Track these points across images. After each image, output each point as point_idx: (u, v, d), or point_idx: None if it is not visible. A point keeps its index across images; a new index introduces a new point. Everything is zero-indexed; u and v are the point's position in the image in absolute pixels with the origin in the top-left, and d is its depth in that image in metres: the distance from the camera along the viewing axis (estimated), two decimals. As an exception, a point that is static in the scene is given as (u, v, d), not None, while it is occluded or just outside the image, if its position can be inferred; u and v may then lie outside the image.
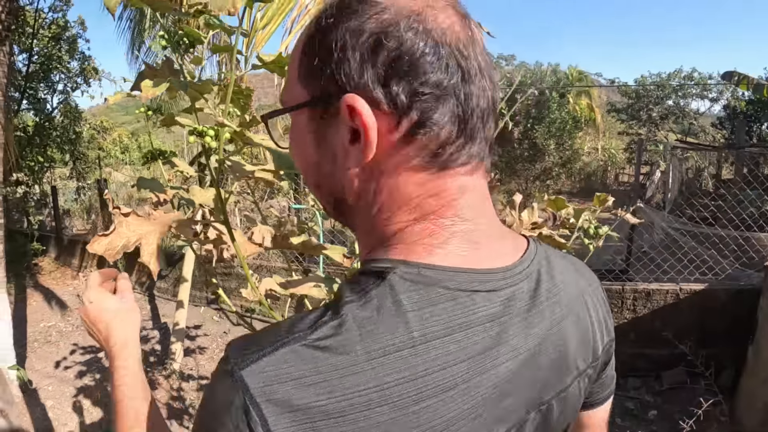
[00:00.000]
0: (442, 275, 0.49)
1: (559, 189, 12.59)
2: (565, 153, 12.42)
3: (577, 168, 13.70)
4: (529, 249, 0.60)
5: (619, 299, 4.04)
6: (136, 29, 5.80)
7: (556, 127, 12.01)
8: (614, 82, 24.10)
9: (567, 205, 1.51)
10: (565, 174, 12.99)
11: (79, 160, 9.79)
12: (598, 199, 1.48)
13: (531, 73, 14.82)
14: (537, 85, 13.28)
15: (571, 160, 12.81)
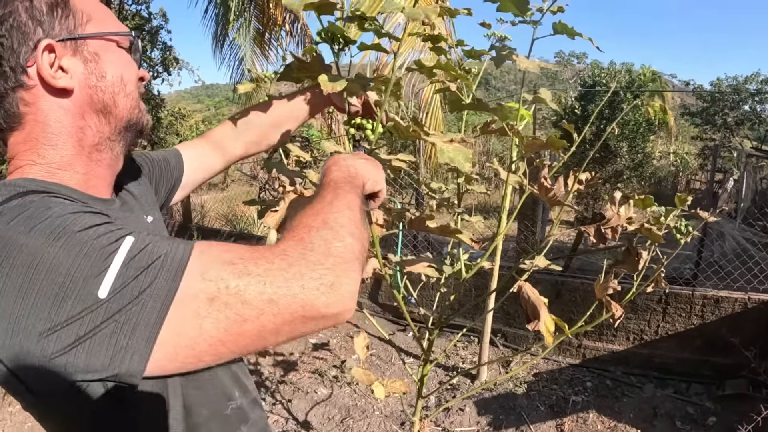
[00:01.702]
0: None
1: (629, 193, 12.27)
2: (636, 156, 12.09)
3: (648, 172, 13.31)
4: None
5: (688, 304, 3.99)
6: (221, 22, 6.06)
7: (629, 129, 11.70)
8: (689, 84, 23.16)
9: (654, 203, 1.58)
10: (636, 178, 12.62)
11: (158, 145, 10.28)
12: (679, 199, 1.54)
13: (604, 72, 14.44)
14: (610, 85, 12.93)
15: (642, 163, 12.45)
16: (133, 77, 0.84)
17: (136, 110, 0.85)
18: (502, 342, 4.59)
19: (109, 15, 0.85)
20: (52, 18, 0.76)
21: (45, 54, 0.74)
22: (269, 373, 4.27)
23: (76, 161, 0.79)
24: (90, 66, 0.79)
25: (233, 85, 6.78)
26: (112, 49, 0.82)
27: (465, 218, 1.89)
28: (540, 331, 1.21)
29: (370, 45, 1.18)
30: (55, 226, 0.60)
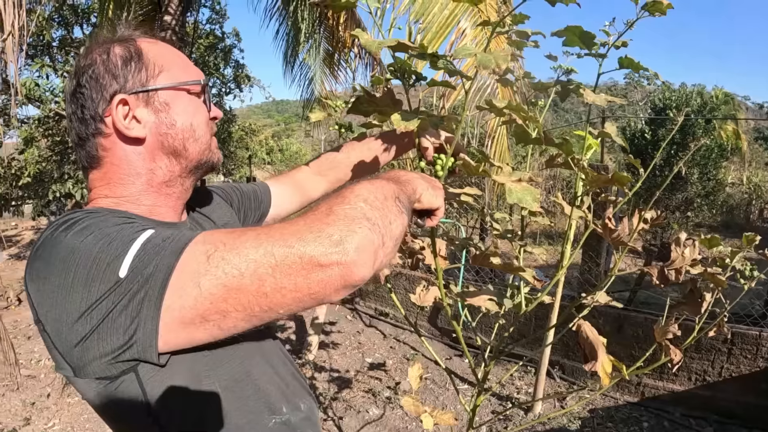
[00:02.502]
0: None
1: (699, 222, 11.74)
2: (708, 183, 11.59)
3: (720, 200, 12.72)
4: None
5: (754, 346, 3.77)
6: (292, 43, 6.30)
7: (700, 155, 11.24)
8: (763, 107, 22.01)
9: (720, 244, 1.55)
10: (707, 206, 12.08)
11: (228, 158, 10.69)
12: (746, 239, 1.50)
13: (675, 95, 13.95)
14: (682, 108, 12.49)
15: (714, 191, 11.92)
16: (202, 122, 0.91)
17: (206, 152, 0.92)
18: (559, 374, 4.50)
19: (181, 62, 0.91)
20: (126, 71, 0.85)
21: (119, 107, 0.83)
22: (323, 389, 4.35)
23: (144, 196, 0.87)
24: (161, 115, 0.86)
25: (303, 102, 7.01)
26: (182, 97, 0.89)
27: (528, 250, 1.90)
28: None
29: (439, 82, 1.23)
30: (94, 228, 0.70)
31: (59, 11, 7.92)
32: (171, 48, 0.93)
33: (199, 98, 0.91)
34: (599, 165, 4.52)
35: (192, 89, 0.90)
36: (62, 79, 7.72)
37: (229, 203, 1.18)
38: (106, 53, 0.86)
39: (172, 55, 0.91)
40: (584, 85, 1.46)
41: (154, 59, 0.87)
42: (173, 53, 0.92)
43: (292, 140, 25.39)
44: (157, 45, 0.91)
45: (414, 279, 5.55)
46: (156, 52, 0.89)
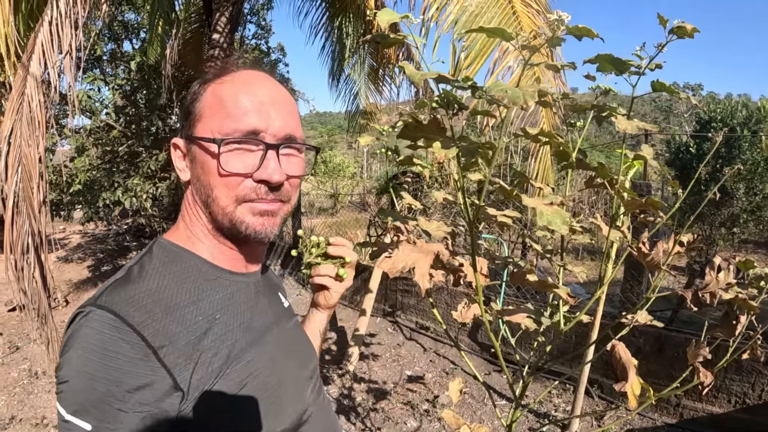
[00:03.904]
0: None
1: (745, 238, 11.38)
2: (754, 198, 11.23)
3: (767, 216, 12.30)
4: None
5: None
6: (337, 59, 6.44)
7: (746, 169, 10.91)
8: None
9: (755, 266, 1.54)
10: (753, 222, 11.70)
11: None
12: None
13: (720, 107, 13.58)
14: (727, 121, 12.17)
15: (761, 206, 11.53)
16: (213, 181, 0.85)
17: (223, 216, 0.86)
18: (598, 393, 4.45)
19: (227, 110, 0.84)
20: (184, 113, 0.91)
21: (175, 150, 0.92)
22: (362, 399, 4.39)
23: (202, 236, 0.91)
24: (194, 166, 0.88)
25: (347, 115, 7.16)
26: (204, 150, 0.85)
27: (568, 268, 1.92)
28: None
29: (480, 111, 1.29)
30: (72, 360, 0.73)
31: (110, 26, 8.25)
32: (242, 87, 0.86)
33: (212, 155, 0.84)
34: (642, 183, 4.47)
35: (207, 145, 0.85)
36: (112, 90, 8.03)
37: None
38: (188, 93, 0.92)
39: (228, 99, 0.85)
40: (619, 109, 1.48)
41: (203, 104, 0.87)
42: (232, 97, 0.85)
43: (336, 152, 25.72)
44: (224, 86, 0.86)
45: (455, 294, 5.56)
46: (214, 95, 0.87)
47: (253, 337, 0.89)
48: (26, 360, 5.34)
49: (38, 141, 3.11)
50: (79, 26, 3.42)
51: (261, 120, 0.84)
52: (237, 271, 0.94)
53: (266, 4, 9.07)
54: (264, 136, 0.84)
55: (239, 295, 0.92)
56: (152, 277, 0.82)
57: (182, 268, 0.86)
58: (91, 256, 10.03)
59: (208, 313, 0.84)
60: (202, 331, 0.81)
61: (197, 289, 0.85)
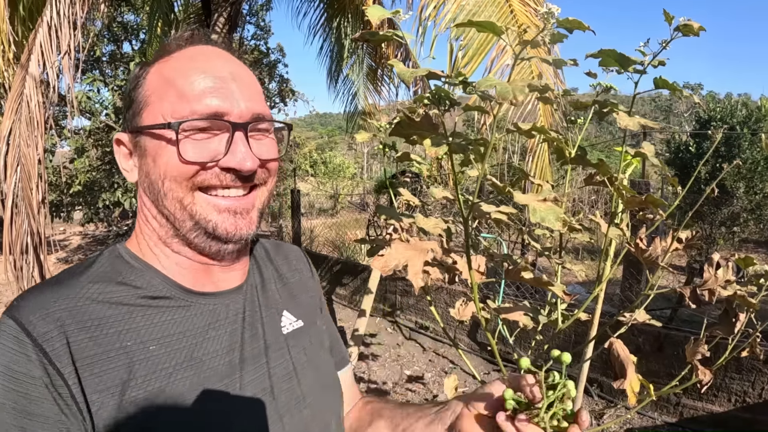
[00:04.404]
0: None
1: (745, 237, 11.38)
2: (755, 197, 11.24)
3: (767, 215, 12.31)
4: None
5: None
6: (335, 59, 6.44)
7: (746, 167, 10.92)
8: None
9: (755, 263, 1.54)
10: (753, 221, 11.70)
11: (274, 172, 10.88)
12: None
13: (719, 106, 13.59)
14: (727, 120, 12.17)
15: (761, 205, 11.54)
16: (168, 170, 0.71)
17: (185, 215, 0.72)
18: (597, 392, 4.44)
19: (179, 90, 0.71)
20: (127, 104, 0.77)
21: (119, 147, 0.77)
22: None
23: (153, 244, 0.77)
24: (143, 161, 0.74)
25: (346, 116, 7.16)
26: (153, 137, 0.72)
27: (567, 266, 1.91)
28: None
29: (472, 107, 1.29)
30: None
31: (109, 28, 8.26)
32: (193, 63, 0.73)
33: (168, 141, 0.70)
34: (641, 181, 4.47)
35: (160, 132, 0.71)
36: (112, 92, 8.04)
37: (319, 308, 1.01)
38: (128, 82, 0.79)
39: (178, 78, 0.71)
40: (620, 107, 1.48)
41: (148, 89, 0.73)
42: (183, 75, 0.71)
43: (336, 153, 25.75)
44: (170, 64, 0.74)
45: (455, 293, 5.56)
46: (160, 76, 0.73)
47: (203, 379, 0.71)
48: (26, 361, 5.33)
49: (37, 141, 3.11)
50: (78, 27, 3.42)
51: (223, 99, 0.71)
52: (202, 290, 0.77)
53: (265, 5, 9.09)
54: (229, 118, 0.71)
55: (196, 320, 0.74)
56: (83, 285, 0.69)
57: (126, 280, 0.72)
58: (91, 257, 10.01)
59: (142, 339, 0.68)
60: (125, 361, 0.65)
61: (137, 308, 0.70)
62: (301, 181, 16.29)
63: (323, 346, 0.93)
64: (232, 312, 0.78)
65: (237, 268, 0.82)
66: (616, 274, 5.38)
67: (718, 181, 3.96)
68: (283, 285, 0.92)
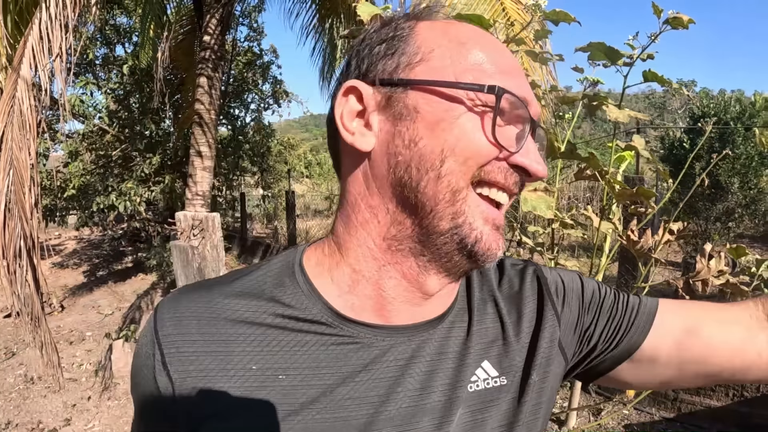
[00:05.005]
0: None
1: (740, 232, 11.42)
2: (749, 192, 11.27)
3: (762, 210, 12.35)
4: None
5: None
6: (328, 60, 6.44)
7: (740, 163, 10.95)
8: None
9: (747, 252, 1.54)
10: (748, 216, 11.74)
11: (266, 172, 10.89)
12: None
13: (713, 102, 13.62)
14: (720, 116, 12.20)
15: (756, 200, 11.58)
16: (464, 151, 0.55)
17: (446, 212, 0.55)
18: (595, 389, 4.45)
19: (471, 59, 0.57)
20: (376, 52, 0.60)
21: (348, 98, 0.60)
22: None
23: (359, 250, 0.61)
24: (400, 126, 0.57)
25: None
26: (446, 104, 0.55)
27: (560, 262, 1.92)
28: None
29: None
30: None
31: (102, 31, 8.24)
32: (485, 39, 0.59)
33: (472, 108, 0.55)
34: (635, 177, 4.49)
35: (468, 97, 0.55)
36: (105, 95, 8.02)
37: (578, 325, 0.71)
38: (373, 31, 0.62)
39: (476, 46, 0.58)
40: (610, 101, 1.49)
41: (424, 41, 0.58)
42: (481, 45, 0.58)
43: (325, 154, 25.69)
44: (454, 26, 0.60)
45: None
46: (447, 35, 0.58)
47: (328, 426, 0.55)
48: (22, 365, 5.32)
49: (29, 144, 3.10)
50: (69, 29, 3.41)
51: (525, 87, 0.58)
52: (367, 321, 0.60)
53: (258, 6, 9.07)
54: (530, 109, 0.57)
55: (350, 356, 0.58)
56: (226, 294, 0.60)
57: (278, 295, 0.60)
58: (87, 262, 10.00)
59: (271, 364, 0.57)
60: (244, 383, 0.56)
61: (278, 330, 0.58)
62: (296, 182, 16.29)
63: (537, 408, 0.65)
64: (405, 354, 0.60)
65: (433, 301, 0.63)
66: (612, 271, 5.39)
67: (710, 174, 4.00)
68: (494, 323, 0.67)
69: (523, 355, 0.65)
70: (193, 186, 4.84)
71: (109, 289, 8.20)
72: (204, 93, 4.85)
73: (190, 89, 6.32)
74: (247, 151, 9.88)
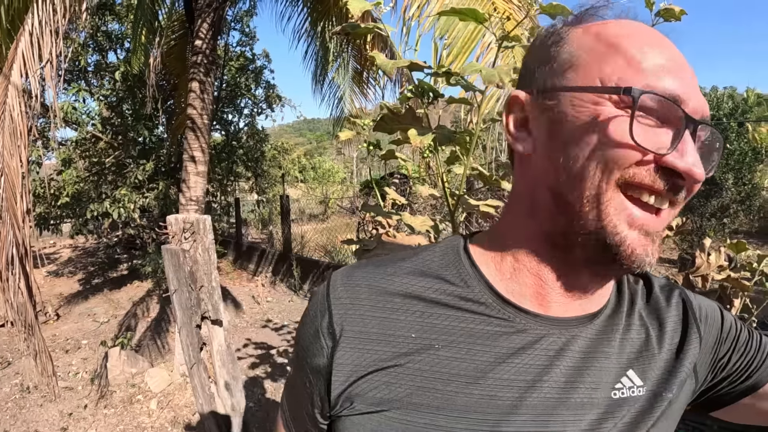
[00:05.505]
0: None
1: (736, 228, 11.45)
2: (743, 188, 11.31)
3: (757, 205, 12.40)
4: None
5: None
6: (320, 63, 6.43)
7: (734, 159, 11.00)
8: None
9: (747, 248, 1.53)
10: (743, 212, 11.77)
11: (261, 177, 10.87)
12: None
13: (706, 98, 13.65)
14: (714, 112, 12.24)
15: (750, 196, 11.62)
16: (596, 153, 0.56)
17: (588, 215, 0.57)
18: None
19: (620, 58, 0.56)
20: (537, 61, 0.63)
21: (513, 107, 0.65)
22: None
23: (514, 246, 0.65)
24: (554, 131, 0.60)
25: (333, 120, 7.16)
26: (585, 108, 0.57)
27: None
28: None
29: (456, 99, 1.28)
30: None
31: (94, 37, 8.21)
32: (644, 34, 0.58)
33: (607, 114, 0.55)
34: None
35: (611, 100, 0.56)
36: (98, 102, 7.99)
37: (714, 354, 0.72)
38: (537, 41, 0.65)
39: (628, 45, 0.57)
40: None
41: (577, 47, 0.60)
42: (634, 43, 0.57)
43: (325, 158, 25.76)
44: (613, 28, 0.59)
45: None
46: (598, 37, 0.59)
47: (473, 404, 0.58)
48: (18, 375, 5.28)
49: (20, 151, 3.08)
50: (60, 35, 3.39)
51: (681, 84, 0.55)
52: (526, 307, 0.63)
53: (250, 11, 9.06)
54: (685, 107, 0.55)
55: (506, 339, 0.61)
56: (399, 268, 0.66)
57: (444, 274, 0.66)
58: (82, 270, 9.95)
59: (429, 335, 0.61)
60: (402, 349, 0.61)
61: (441, 306, 0.63)
62: (290, 187, 16.26)
63: (670, 424, 0.68)
64: (555, 345, 0.62)
65: (597, 293, 0.65)
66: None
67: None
68: (640, 334, 0.67)
69: (663, 369, 0.66)
70: (187, 191, 4.82)
71: (104, 297, 8.15)
72: (196, 98, 4.84)
73: (183, 95, 6.31)
74: (241, 156, 9.86)
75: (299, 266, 8.23)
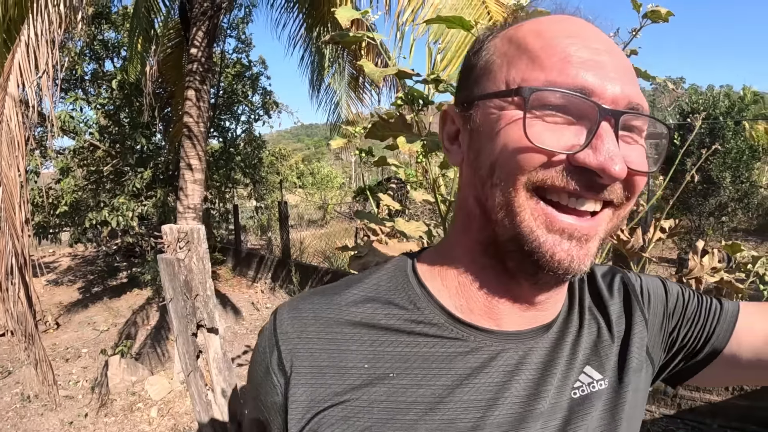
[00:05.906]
0: None
1: (734, 226, 11.45)
2: (741, 186, 11.31)
3: (755, 203, 12.39)
4: None
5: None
6: (317, 69, 6.45)
7: (731, 158, 11.00)
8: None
9: (743, 249, 1.54)
10: (741, 210, 11.77)
11: (259, 183, 10.87)
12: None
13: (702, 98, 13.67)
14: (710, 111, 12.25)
15: (748, 194, 11.62)
16: (506, 158, 0.54)
17: (503, 222, 0.56)
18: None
19: (526, 57, 0.55)
20: (465, 78, 0.63)
21: (440, 125, 0.67)
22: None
23: (460, 253, 0.64)
24: (473, 138, 0.60)
25: (330, 126, 7.18)
26: (492, 111, 0.56)
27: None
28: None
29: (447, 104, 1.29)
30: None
31: (90, 46, 8.23)
32: (556, 26, 0.57)
33: (506, 117, 0.54)
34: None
35: (499, 102, 0.56)
36: (95, 111, 8.00)
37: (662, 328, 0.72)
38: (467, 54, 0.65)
39: (534, 42, 0.55)
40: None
41: (491, 54, 0.59)
42: (541, 38, 0.55)
43: (323, 164, 25.74)
44: (523, 29, 0.58)
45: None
46: (509, 40, 0.58)
47: (435, 429, 0.56)
48: (18, 384, 5.28)
49: (18, 161, 3.09)
50: (56, 44, 3.41)
51: (594, 74, 0.52)
52: (477, 324, 0.61)
53: (245, 18, 9.09)
54: (598, 99, 0.51)
55: (460, 359, 0.59)
56: (345, 296, 0.64)
57: (393, 298, 0.64)
58: (82, 278, 9.95)
59: (383, 363, 0.59)
60: (355, 381, 0.58)
61: (391, 331, 0.61)
62: (289, 193, 16.24)
63: (633, 410, 0.65)
64: (512, 359, 0.61)
65: (539, 308, 0.63)
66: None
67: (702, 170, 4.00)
68: (592, 329, 0.67)
69: (618, 357, 0.66)
70: (185, 199, 4.83)
71: (104, 305, 8.15)
72: (192, 105, 4.85)
73: (180, 102, 6.32)
74: (239, 163, 9.86)
75: (298, 272, 8.23)
